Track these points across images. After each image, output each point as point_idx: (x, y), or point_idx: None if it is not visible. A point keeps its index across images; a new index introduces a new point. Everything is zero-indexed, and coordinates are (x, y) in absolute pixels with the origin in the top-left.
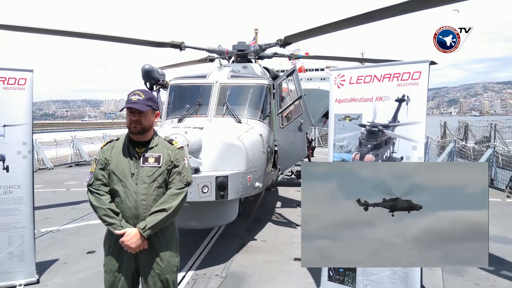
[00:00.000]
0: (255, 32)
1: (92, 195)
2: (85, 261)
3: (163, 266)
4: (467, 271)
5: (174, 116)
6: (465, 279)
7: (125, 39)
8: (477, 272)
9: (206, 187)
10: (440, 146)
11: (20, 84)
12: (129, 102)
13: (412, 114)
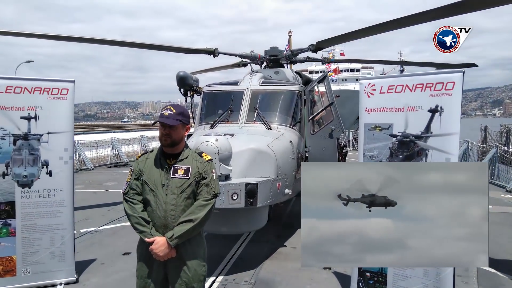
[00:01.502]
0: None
1: (126, 203)
2: (121, 262)
3: (190, 274)
4: (505, 286)
5: (207, 122)
6: None
7: (162, 47)
8: None
9: (235, 194)
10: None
11: (62, 94)
12: (161, 117)
13: (446, 125)
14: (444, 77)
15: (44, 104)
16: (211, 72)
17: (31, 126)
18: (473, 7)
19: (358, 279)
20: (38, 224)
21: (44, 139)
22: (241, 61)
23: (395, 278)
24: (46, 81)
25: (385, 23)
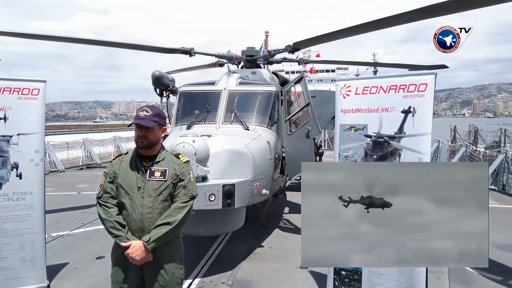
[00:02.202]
0: (265, 34)
1: (100, 207)
2: (94, 266)
3: (167, 278)
4: (474, 280)
5: (183, 122)
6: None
7: (137, 46)
8: (484, 282)
9: (213, 195)
10: (450, 151)
11: (33, 94)
12: (137, 118)
13: (418, 125)
14: (417, 79)
15: (14, 104)
16: (187, 71)
17: (0, 127)
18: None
19: (334, 277)
20: (7, 228)
21: (14, 141)
22: (218, 61)
23: (370, 276)
24: (16, 81)
25: (360, 25)
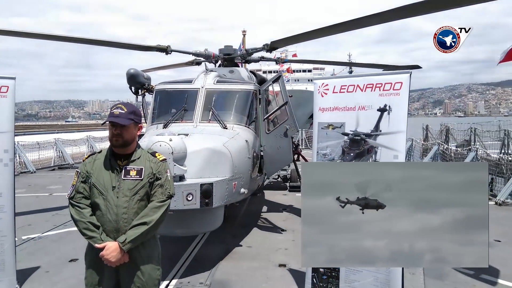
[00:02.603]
0: (243, 33)
1: (73, 208)
2: (67, 269)
3: (144, 279)
4: (448, 275)
5: (159, 121)
6: (445, 283)
7: (111, 43)
8: (457, 276)
9: (190, 194)
10: (422, 149)
11: (2, 92)
12: (112, 116)
13: (394, 123)
14: (393, 78)
15: None
16: (163, 70)
17: None
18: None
19: (313, 275)
20: None
21: None
22: (195, 59)
23: (347, 272)
24: None
25: (337, 24)
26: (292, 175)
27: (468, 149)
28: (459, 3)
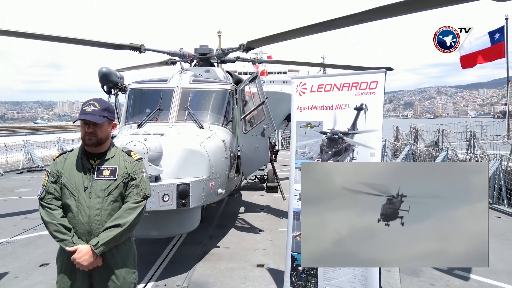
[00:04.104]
0: (218, 34)
1: (43, 209)
2: (38, 274)
3: (118, 283)
4: (423, 272)
5: (133, 121)
6: (420, 280)
7: (82, 41)
8: (432, 273)
9: (167, 195)
10: (393, 149)
11: None
12: (84, 113)
13: (370, 122)
14: (368, 77)
15: None
16: (136, 69)
17: None
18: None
19: (291, 273)
20: None
21: None
22: (170, 58)
23: (326, 270)
24: None
25: (312, 25)
26: (269, 175)
27: (439, 149)
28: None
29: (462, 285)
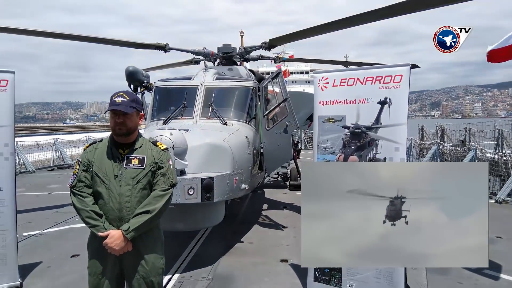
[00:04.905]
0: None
1: (75, 197)
2: (69, 264)
3: (148, 268)
4: (450, 270)
5: (159, 118)
6: (448, 278)
7: (109, 41)
8: (460, 272)
9: (192, 189)
10: (419, 149)
11: (1, 85)
12: (113, 104)
13: (394, 116)
14: (393, 70)
15: None
16: (161, 69)
17: None
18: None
19: (315, 268)
20: None
21: None
22: (193, 58)
23: None
24: None
25: (336, 21)
26: (292, 173)
27: (467, 148)
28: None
29: (492, 285)
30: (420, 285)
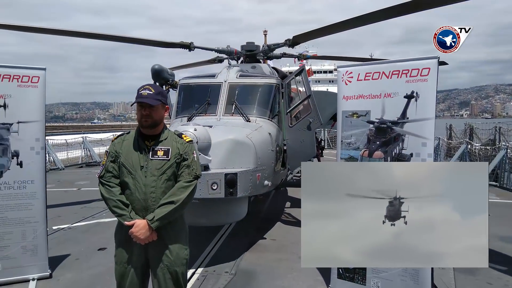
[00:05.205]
0: (264, 33)
1: (103, 186)
2: (96, 257)
3: (172, 258)
4: (479, 270)
5: (183, 115)
6: (477, 279)
7: (135, 40)
8: (490, 272)
9: (215, 184)
10: (447, 148)
11: (33, 82)
12: (140, 97)
13: (422, 110)
14: (420, 63)
15: (13, 92)
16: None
17: (0, 115)
18: None
19: None
20: (8, 217)
21: (14, 129)
22: (217, 56)
23: None
24: (16, 68)
25: (361, 16)
26: None
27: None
28: None
29: None
30: (448, 285)
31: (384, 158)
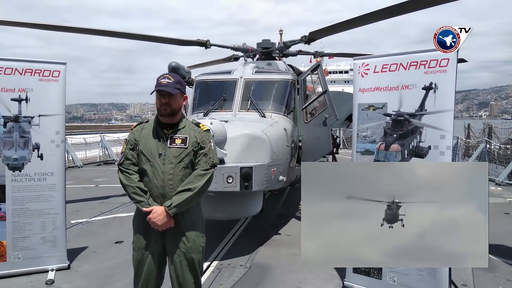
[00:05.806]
0: (279, 33)
1: (122, 174)
2: (113, 250)
3: (189, 245)
4: (498, 267)
5: (199, 110)
6: (496, 275)
7: (153, 38)
8: (508, 269)
9: (231, 177)
10: (465, 147)
11: (54, 76)
12: (159, 85)
13: (440, 102)
14: (439, 54)
15: (35, 86)
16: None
17: (22, 108)
18: None
19: None
20: (29, 208)
21: (35, 122)
22: (233, 54)
23: None
24: (37, 62)
25: (378, 11)
26: None
27: None
28: None
29: None
30: (466, 281)
31: (401, 151)
